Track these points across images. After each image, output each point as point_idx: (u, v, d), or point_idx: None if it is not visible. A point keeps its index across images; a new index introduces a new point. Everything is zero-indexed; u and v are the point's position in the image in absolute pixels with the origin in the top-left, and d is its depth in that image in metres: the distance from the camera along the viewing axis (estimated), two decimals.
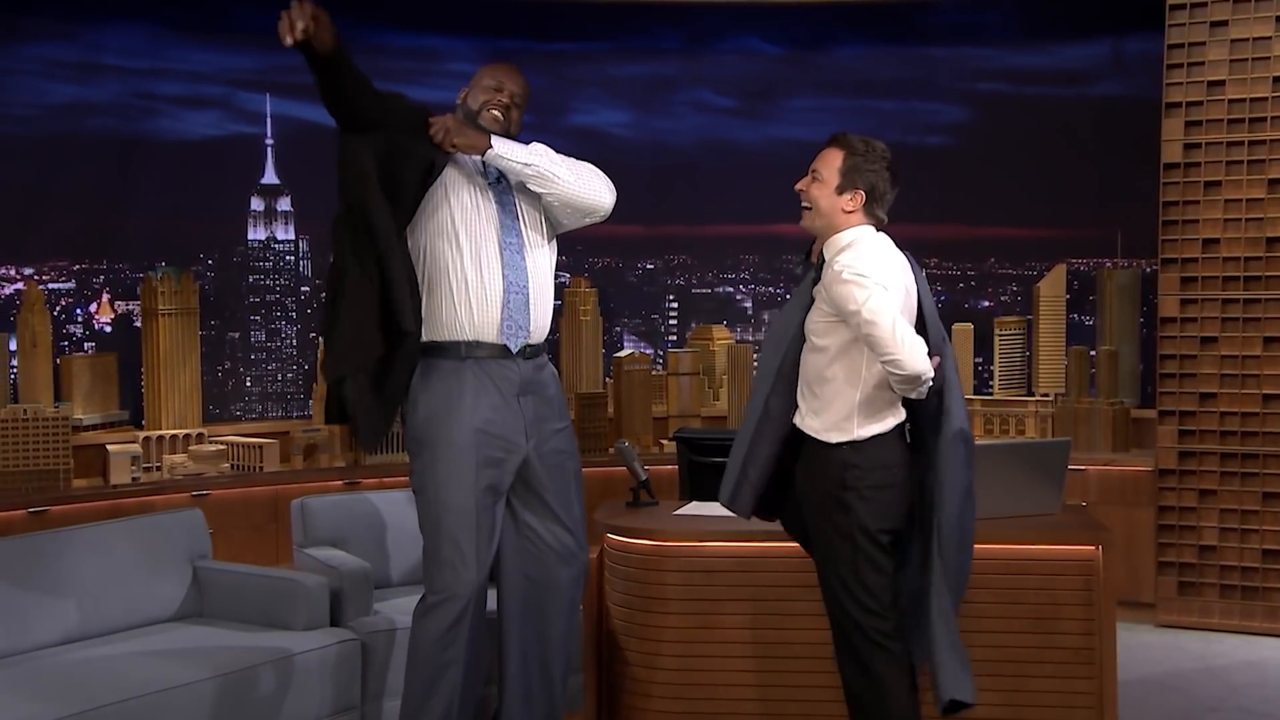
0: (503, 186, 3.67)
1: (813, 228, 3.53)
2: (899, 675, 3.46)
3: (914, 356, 3.28)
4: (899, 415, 3.46)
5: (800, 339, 3.51)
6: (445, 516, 3.57)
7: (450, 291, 3.62)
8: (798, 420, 3.51)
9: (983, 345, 7.03)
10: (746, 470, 3.54)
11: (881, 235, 3.50)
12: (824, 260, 3.50)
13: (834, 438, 3.43)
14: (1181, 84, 6.06)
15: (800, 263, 3.69)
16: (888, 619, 3.44)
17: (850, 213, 3.46)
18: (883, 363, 3.31)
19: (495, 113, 3.68)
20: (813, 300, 3.49)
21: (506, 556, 3.73)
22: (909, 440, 3.50)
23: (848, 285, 3.31)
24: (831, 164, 3.48)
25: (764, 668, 4.09)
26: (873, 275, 3.33)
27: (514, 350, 3.64)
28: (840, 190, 3.46)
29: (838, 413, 3.42)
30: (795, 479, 3.55)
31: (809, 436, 3.48)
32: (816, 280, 3.50)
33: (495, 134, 3.64)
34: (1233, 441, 5.99)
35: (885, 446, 3.44)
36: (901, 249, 3.51)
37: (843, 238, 3.47)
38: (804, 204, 3.52)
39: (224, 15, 6.71)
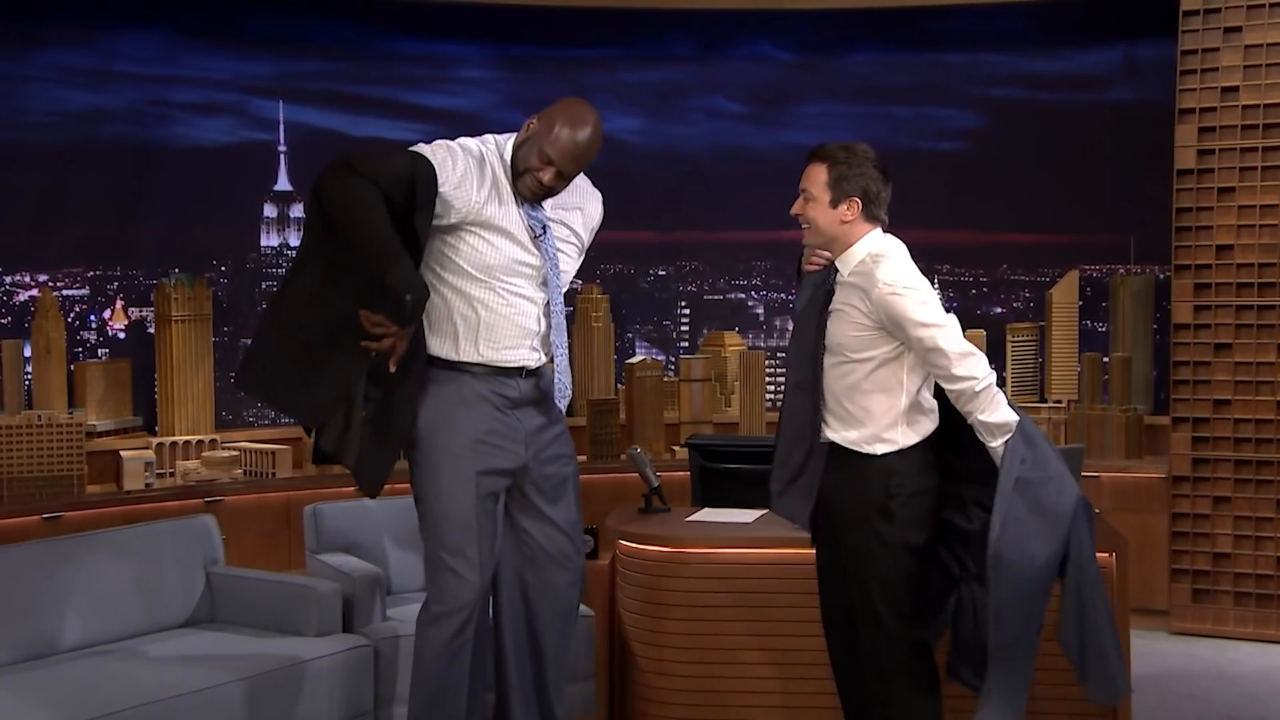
0: (546, 240, 3.64)
1: (817, 244, 3.51)
2: (929, 687, 3.47)
3: (980, 368, 3.33)
4: (936, 420, 3.46)
5: (818, 351, 3.48)
6: (446, 527, 3.54)
7: (476, 328, 3.57)
8: (829, 434, 3.48)
9: (995, 352, 7.00)
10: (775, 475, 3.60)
11: (897, 242, 3.48)
12: (836, 271, 3.48)
13: (879, 449, 3.41)
14: (1195, 90, 6.05)
15: (794, 277, 3.67)
16: (922, 630, 3.44)
17: (850, 221, 3.43)
18: (953, 382, 3.31)
19: (534, 184, 3.55)
20: (830, 313, 3.47)
21: (503, 562, 3.72)
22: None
23: (902, 299, 3.31)
24: (818, 180, 3.44)
25: (776, 674, 4.09)
26: (922, 289, 3.35)
27: (532, 365, 3.64)
28: (834, 203, 3.43)
29: (880, 423, 3.41)
30: (823, 489, 3.51)
31: (842, 448, 3.46)
32: (831, 291, 3.48)
33: (526, 200, 3.60)
34: (1247, 448, 5.97)
35: (924, 453, 3.44)
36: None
37: (861, 248, 3.44)
38: (802, 224, 3.50)
39: (238, 22, 6.74)
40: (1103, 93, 6.94)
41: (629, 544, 4.26)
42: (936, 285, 7.07)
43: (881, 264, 3.38)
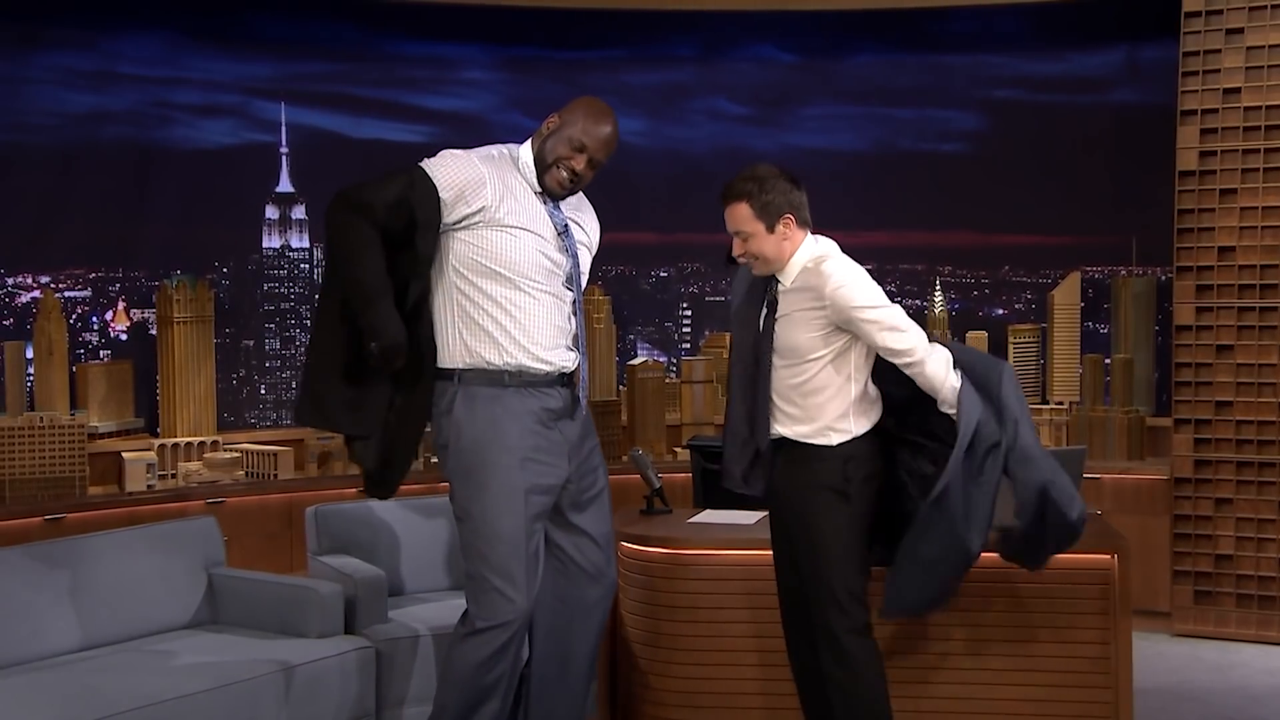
0: (568, 238, 3.66)
1: (768, 271, 3.62)
2: (872, 658, 3.57)
3: (937, 361, 3.49)
4: (881, 409, 3.61)
5: (763, 357, 3.58)
6: (496, 546, 3.52)
7: (513, 330, 3.57)
8: (780, 430, 3.59)
9: (997, 353, 6.98)
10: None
11: (829, 240, 3.62)
12: (778, 282, 3.60)
13: (834, 439, 3.54)
14: (1197, 91, 6.05)
15: (726, 264, 3.76)
16: (865, 604, 3.57)
17: (790, 236, 3.57)
18: (906, 365, 3.49)
19: (564, 175, 3.61)
20: (777, 320, 3.57)
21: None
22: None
23: (849, 290, 3.47)
24: (744, 218, 3.57)
25: (777, 676, 4.08)
26: (864, 277, 3.52)
27: (571, 367, 3.65)
28: (771, 228, 3.56)
29: (831, 415, 3.54)
30: (776, 485, 3.63)
31: (794, 442, 3.57)
32: (774, 302, 3.58)
33: (557, 197, 3.65)
34: (1249, 450, 5.97)
35: (873, 440, 3.59)
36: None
37: (800, 257, 3.57)
38: (750, 260, 3.61)
39: (240, 24, 6.74)
40: (1104, 94, 6.93)
41: (631, 545, 4.26)
42: (938, 286, 7.08)
43: (826, 264, 3.53)
